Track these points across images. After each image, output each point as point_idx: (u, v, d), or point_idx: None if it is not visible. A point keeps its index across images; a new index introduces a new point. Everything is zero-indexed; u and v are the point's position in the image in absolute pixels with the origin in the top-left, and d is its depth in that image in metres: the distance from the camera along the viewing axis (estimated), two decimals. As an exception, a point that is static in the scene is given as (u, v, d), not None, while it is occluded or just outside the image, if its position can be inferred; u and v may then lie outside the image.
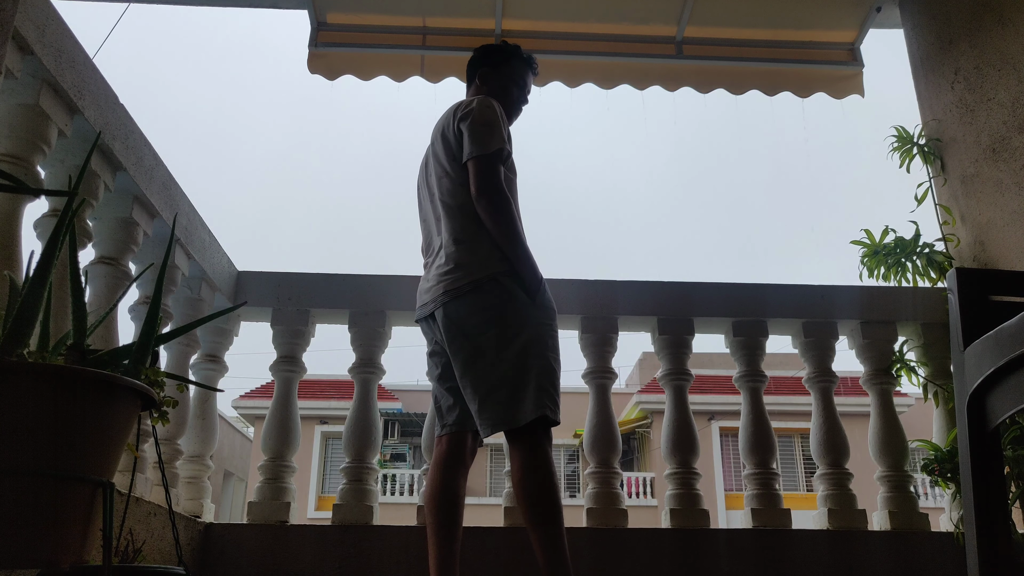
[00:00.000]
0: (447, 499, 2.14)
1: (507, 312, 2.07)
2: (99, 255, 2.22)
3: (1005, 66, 3.15)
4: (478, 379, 2.05)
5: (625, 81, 4.12)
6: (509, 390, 2.01)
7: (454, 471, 2.18)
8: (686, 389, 2.91)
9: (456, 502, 2.15)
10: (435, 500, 2.14)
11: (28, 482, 1.08)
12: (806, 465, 18.02)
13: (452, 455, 2.20)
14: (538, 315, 2.10)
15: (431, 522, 2.12)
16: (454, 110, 2.28)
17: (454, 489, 2.16)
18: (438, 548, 2.09)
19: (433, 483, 2.17)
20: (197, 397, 2.76)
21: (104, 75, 2.03)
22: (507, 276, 2.09)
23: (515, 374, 2.02)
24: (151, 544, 2.10)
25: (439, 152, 2.27)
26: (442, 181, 2.23)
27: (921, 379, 3.04)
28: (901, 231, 3.34)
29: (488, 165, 2.13)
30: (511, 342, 2.04)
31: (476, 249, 2.12)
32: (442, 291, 2.12)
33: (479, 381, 2.05)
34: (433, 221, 2.28)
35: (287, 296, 2.87)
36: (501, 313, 2.07)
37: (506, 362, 2.03)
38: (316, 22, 4.02)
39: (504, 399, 2.01)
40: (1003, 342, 1.29)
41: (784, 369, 15.58)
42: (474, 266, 2.10)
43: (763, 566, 2.65)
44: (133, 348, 1.33)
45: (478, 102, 2.24)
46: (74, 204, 1.28)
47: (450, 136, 2.23)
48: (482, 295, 2.08)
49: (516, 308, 2.07)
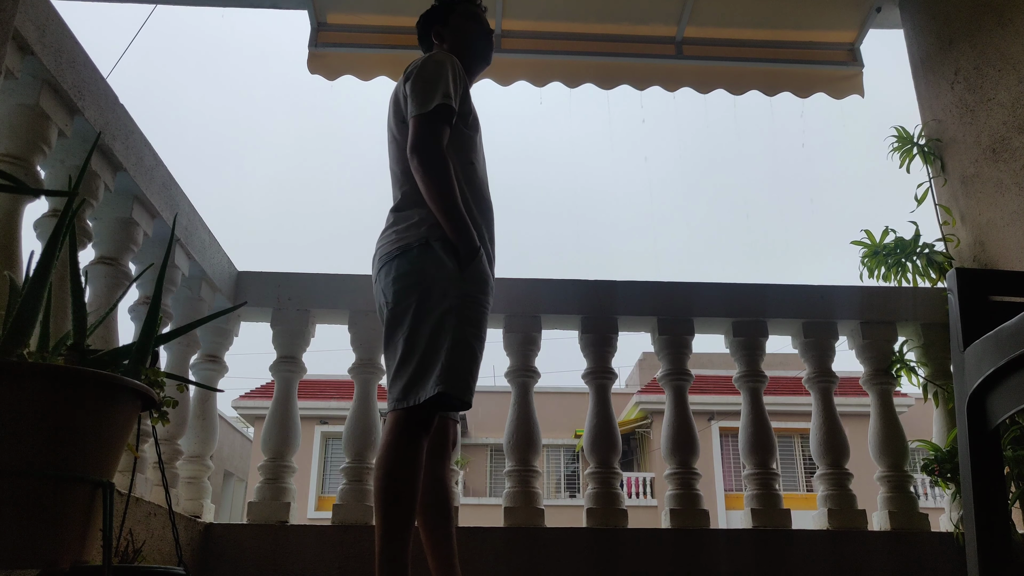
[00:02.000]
0: (435, 494, 2.05)
1: (430, 281, 1.91)
2: (99, 255, 2.22)
3: (1005, 66, 3.15)
4: (391, 351, 1.92)
5: (625, 81, 4.12)
6: (416, 366, 1.85)
7: (436, 463, 2.07)
8: (686, 389, 2.91)
9: (447, 496, 2.08)
10: (422, 498, 2.00)
11: (28, 482, 1.08)
12: (806, 465, 18.02)
13: (433, 446, 2.05)
14: (465, 287, 1.92)
15: (422, 523, 2.04)
16: (405, 71, 2.15)
17: (437, 481, 2.06)
18: (433, 548, 2.04)
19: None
20: (197, 397, 2.76)
21: (110, 79, 2.03)
22: (440, 243, 1.93)
23: (425, 347, 1.85)
24: (151, 544, 2.10)
25: (390, 118, 2.16)
26: (391, 147, 2.13)
27: (921, 379, 3.04)
28: (901, 231, 3.34)
29: (424, 123, 1.98)
30: (429, 313, 1.88)
31: (412, 215, 2.00)
32: (376, 258, 2.03)
33: (391, 353, 1.92)
34: (393, 182, 2.17)
35: (287, 296, 2.87)
36: (423, 281, 1.91)
37: (418, 334, 1.87)
38: (316, 22, 4.03)
39: (408, 374, 1.85)
40: (1003, 342, 1.29)
41: (784, 369, 15.60)
42: (407, 232, 1.97)
43: (763, 566, 2.65)
44: (133, 348, 1.33)
45: (424, 59, 2.11)
46: (74, 204, 1.28)
47: (400, 99, 2.11)
48: (407, 261, 1.94)
49: (442, 277, 1.91)
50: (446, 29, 2.32)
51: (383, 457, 1.85)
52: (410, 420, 1.85)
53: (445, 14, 2.34)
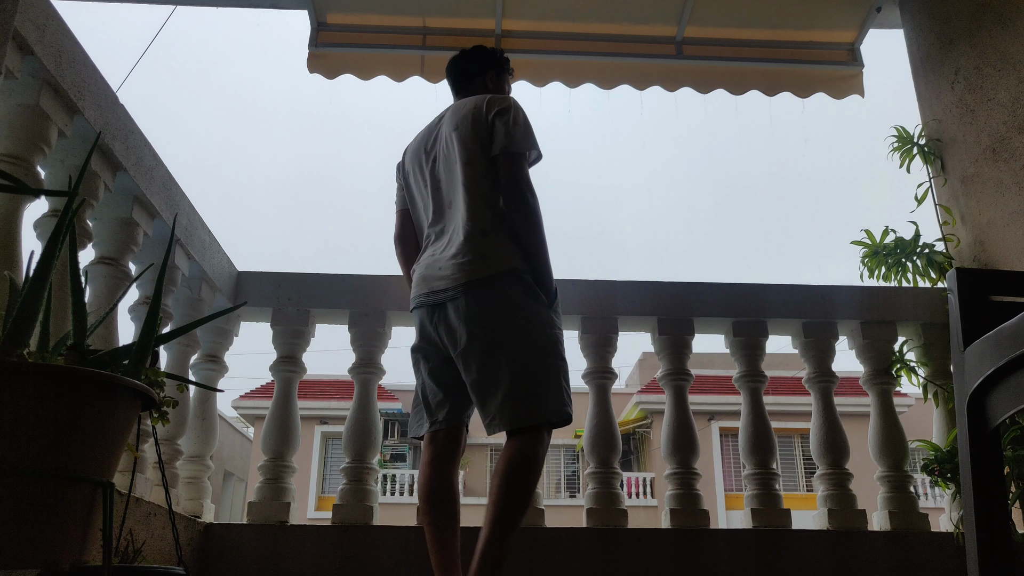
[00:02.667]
0: (445, 496, 2.11)
1: (529, 309, 2.06)
2: (99, 255, 2.22)
3: (1005, 66, 3.15)
4: (497, 373, 2.01)
5: (625, 81, 4.12)
6: (530, 386, 2.00)
7: (448, 467, 2.15)
8: (686, 389, 2.91)
9: (454, 498, 2.13)
10: (431, 499, 2.10)
11: (28, 482, 1.08)
12: (806, 465, 18.02)
13: (447, 451, 2.15)
14: (554, 318, 2.13)
15: (430, 521, 2.09)
16: (487, 101, 2.24)
17: (448, 485, 2.13)
18: (438, 549, 2.07)
19: (429, 481, 2.11)
20: (197, 397, 2.76)
21: (112, 82, 2.04)
22: (526, 274, 2.09)
23: (537, 370, 2.02)
24: (151, 544, 2.10)
25: (466, 139, 2.20)
26: (467, 169, 2.17)
27: (921, 379, 3.04)
28: (901, 231, 3.34)
29: (524, 164, 2.16)
30: (534, 339, 2.04)
31: (501, 242, 2.10)
32: (464, 280, 2.06)
33: (498, 375, 2.01)
34: (444, 208, 2.22)
35: (287, 296, 2.87)
36: (524, 309, 2.05)
37: (528, 357, 2.02)
38: (316, 22, 4.03)
39: (524, 395, 1.99)
40: (1003, 342, 1.29)
41: (784, 369, 15.58)
42: (498, 259, 2.07)
43: (763, 566, 2.65)
44: (133, 348, 1.33)
45: (515, 102, 2.25)
46: (74, 204, 1.28)
47: (481, 126, 2.20)
48: (504, 289, 2.05)
49: (537, 307, 2.08)
50: (498, 78, 2.50)
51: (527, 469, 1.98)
52: (547, 436, 2.04)
53: (503, 68, 2.53)
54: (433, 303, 2.13)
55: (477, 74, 2.47)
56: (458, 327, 2.06)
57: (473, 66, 2.48)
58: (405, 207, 2.42)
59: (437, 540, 2.07)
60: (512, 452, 1.97)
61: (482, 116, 2.21)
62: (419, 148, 2.36)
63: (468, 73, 2.48)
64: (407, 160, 2.41)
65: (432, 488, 2.11)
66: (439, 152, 2.28)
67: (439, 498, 2.10)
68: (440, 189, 2.25)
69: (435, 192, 2.25)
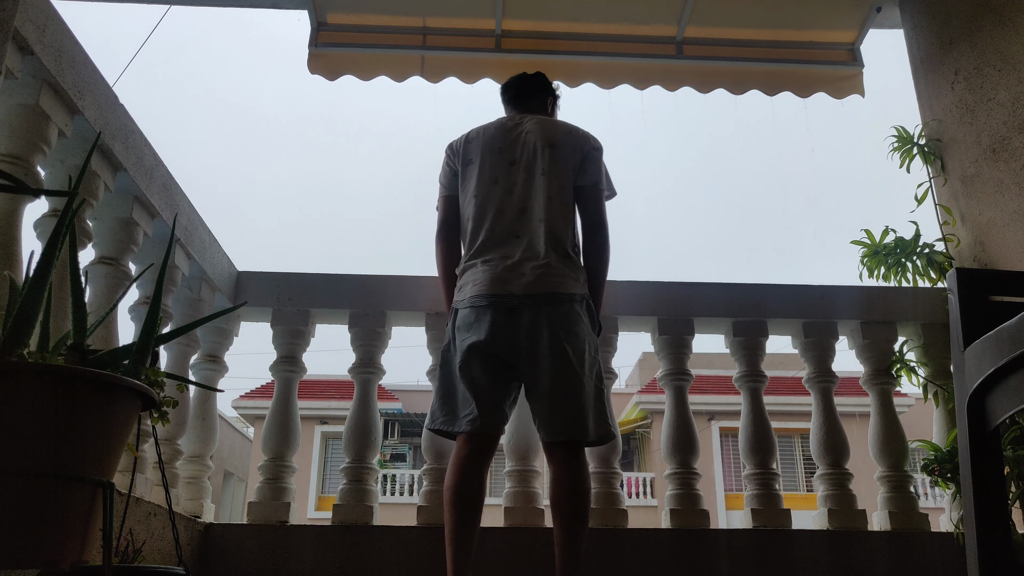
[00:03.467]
0: (475, 497, 2.11)
1: (591, 334, 2.22)
2: (99, 255, 2.22)
3: (1005, 66, 3.15)
4: (570, 386, 2.12)
5: (625, 81, 4.12)
6: (593, 403, 2.15)
7: (484, 469, 2.16)
8: (686, 389, 2.91)
9: (481, 499, 2.14)
10: (461, 498, 2.09)
11: (28, 482, 1.08)
12: (806, 465, 18.01)
13: (486, 454, 2.16)
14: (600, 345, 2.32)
15: (454, 519, 2.08)
16: (582, 134, 2.41)
17: (480, 487, 2.13)
18: (460, 545, 2.07)
19: (460, 480, 2.11)
20: (197, 397, 2.76)
21: (112, 81, 2.03)
22: (590, 301, 2.26)
23: (594, 391, 2.17)
24: (151, 544, 2.10)
25: (563, 160, 2.34)
26: (556, 187, 2.30)
27: (921, 379, 3.03)
28: (901, 231, 3.34)
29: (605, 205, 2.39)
30: (594, 361, 2.21)
31: (578, 268, 2.28)
32: (550, 292, 2.16)
33: (570, 388, 2.12)
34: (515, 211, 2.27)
35: (287, 296, 2.87)
36: (589, 333, 2.21)
37: (589, 377, 2.16)
38: (316, 22, 4.02)
39: (588, 411, 2.13)
40: (1003, 342, 1.29)
41: (784, 369, 15.56)
42: (576, 281, 2.23)
43: (763, 566, 2.65)
44: (133, 348, 1.33)
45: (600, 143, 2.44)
46: (74, 204, 1.28)
47: (577, 155, 2.36)
48: (579, 310, 2.20)
49: (594, 334, 2.25)
50: (555, 104, 2.69)
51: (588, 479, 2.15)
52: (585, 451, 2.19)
53: (556, 96, 2.71)
54: (511, 306, 2.16)
55: (539, 95, 2.62)
56: (535, 334, 2.13)
57: (538, 87, 2.63)
58: (454, 193, 2.41)
59: (460, 536, 2.07)
60: (572, 467, 2.11)
61: (579, 145, 2.38)
62: (493, 144, 2.38)
63: (533, 89, 2.62)
64: (471, 149, 2.40)
65: (466, 486, 2.11)
66: (520, 156, 2.35)
67: (471, 497, 2.11)
68: (514, 192, 2.29)
69: (507, 193, 2.30)
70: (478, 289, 2.20)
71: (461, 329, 2.21)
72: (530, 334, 2.13)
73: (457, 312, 2.25)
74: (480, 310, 2.18)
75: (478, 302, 2.19)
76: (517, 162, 2.34)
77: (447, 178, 2.45)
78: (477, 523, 2.11)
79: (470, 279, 2.24)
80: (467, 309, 2.21)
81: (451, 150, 2.46)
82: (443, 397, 2.23)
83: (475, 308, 2.19)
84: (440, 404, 2.23)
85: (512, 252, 2.22)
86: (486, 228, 2.28)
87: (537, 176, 2.30)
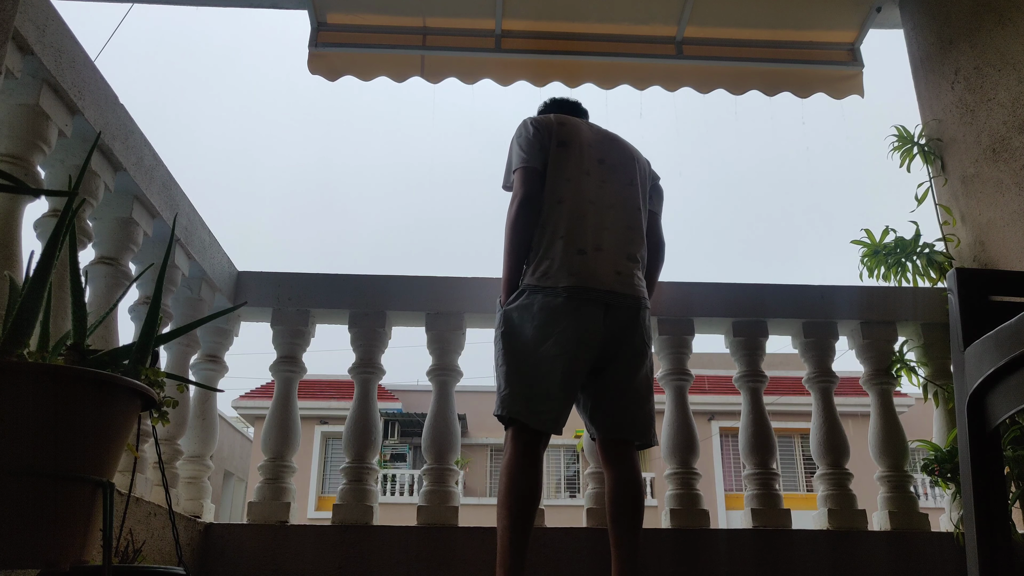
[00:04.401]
0: (536, 500, 2.04)
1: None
2: (99, 255, 2.22)
3: (1005, 66, 3.15)
4: (648, 390, 2.26)
5: (625, 81, 4.12)
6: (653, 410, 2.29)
7: (540, 471, 2.09)
8: (686, 389, 2.91)
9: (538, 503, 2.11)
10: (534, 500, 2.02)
11: (28, 482, 1.08)
12: (806, 465, 18.01)
13: (540, 455, 2.09)
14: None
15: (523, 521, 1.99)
16: (650, 164, 2.55)
17: (539, 490, 2.07)
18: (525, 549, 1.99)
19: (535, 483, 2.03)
20: (197, 397, 2.76)
21: (113, 81, 2.03)
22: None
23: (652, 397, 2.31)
24: (151, 544, 2.10)
25: (644, 180, 2.46)
26: (642, 202, 2.41)
27: (921, 379, 3.03)
28: (901, 231, 3.34)
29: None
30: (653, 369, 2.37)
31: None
32: (643, 296, 2.25)
33: (648, 393, 2.26)
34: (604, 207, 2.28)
35: (287, 296, 2.87)
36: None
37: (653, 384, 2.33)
38: (316, 22, 4.02)
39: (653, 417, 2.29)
40: (1003, 342, 1.29)
41: (784, 369, 15.58)
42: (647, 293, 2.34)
43: (763, 566, 2.64)
44: (133, 348, 1.33)
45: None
46: (74, 204, 1.28)
47: (649, 179, 2.51)
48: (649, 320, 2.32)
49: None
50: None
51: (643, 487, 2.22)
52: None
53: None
54: (611, 303, 2.16)
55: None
56: (629, 336, 2.19)
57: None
58: (541, 168, 2.28)
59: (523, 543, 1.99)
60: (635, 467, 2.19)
61: (650, 173, 2.52)
62: (584, 136, 2.37)
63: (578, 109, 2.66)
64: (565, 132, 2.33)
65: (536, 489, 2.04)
66: (607, 156, 2.38)
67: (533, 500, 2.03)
68: (606, 190, 2.31)
69: (600, 189, 2.30)
70: (577, 281, 2.11)
71: (549, 316, 2.08)
72: (624, 335, 2.18)
73: (538, 294, 2.12)
74: (579, 302, 2.09)
75: (578, 293, 2.10)
76: (605, 162, 2.36)
77: (534, 152, 2.28)
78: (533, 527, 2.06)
79: (563, 266, 2.12)
80: (561, 297, 2.09)
81: (540, 125, 2.34)
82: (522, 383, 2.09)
83: (573, 299, 2.09)
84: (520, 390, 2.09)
85: (610, 248, 2.22)
86: (582, 217, 2.21)
87: (627, 184, 2.36)
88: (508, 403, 2.09)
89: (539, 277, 2.13)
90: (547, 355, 2.06)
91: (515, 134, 2.37)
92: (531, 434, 2.07)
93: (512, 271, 2.21)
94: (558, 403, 2.06)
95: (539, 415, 2.06)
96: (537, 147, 2.29)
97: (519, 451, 2.05)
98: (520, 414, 2.06)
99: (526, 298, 2.14)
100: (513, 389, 2.10)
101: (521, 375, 2.10)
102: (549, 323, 2.07)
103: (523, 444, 2.06)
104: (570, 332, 2.06)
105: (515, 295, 2.18)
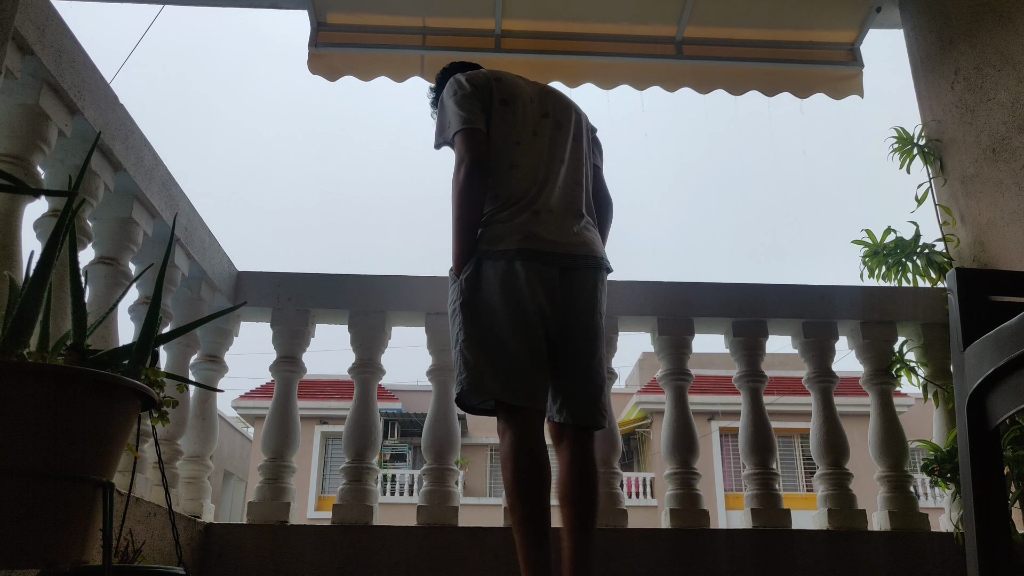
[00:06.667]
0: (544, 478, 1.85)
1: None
2: (99, 255, 2.22)
3: (1005, 66, 3.15)
4: (602, 367, 2.07)
5: (625, 81, 4.12)
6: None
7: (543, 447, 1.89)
8: (686, 389, 2.91)
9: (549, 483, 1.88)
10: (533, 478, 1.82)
11: (28, 482, 1.08)
12: (806, 465, 18.01)
13: (540, 432, 1.90)
14: None
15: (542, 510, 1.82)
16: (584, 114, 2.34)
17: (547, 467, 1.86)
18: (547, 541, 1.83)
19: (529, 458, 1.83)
20: (197, 397, 2.76)
21: (114, 82, 2.03)
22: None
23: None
24: (151, 544, 2.10)
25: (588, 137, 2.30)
26: (587, 161, 2.24)
27: (921, 379, 3.03)
28: (901, 231, 3.34)
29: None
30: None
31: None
32: (599, 256, 2.07)
33: (602, 370, 2.06)
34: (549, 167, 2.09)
35: (287, 296, 2.87)
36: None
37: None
38: (316, 22, 4.02)
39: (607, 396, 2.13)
40: (1003, 342, 1.29)
41: (784, 369, 15.57)
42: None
43: (763, 566, 2.64)
44: (133, 348, 1.33)
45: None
46: (74, 204, 1.28)
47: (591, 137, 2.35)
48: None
49: None
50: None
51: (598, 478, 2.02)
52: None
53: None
54: (568, 266, 1.97)
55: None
56: (587, 301, 2.00)
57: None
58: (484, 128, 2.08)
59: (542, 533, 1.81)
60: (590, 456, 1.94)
61: (588, 125, 2.33)
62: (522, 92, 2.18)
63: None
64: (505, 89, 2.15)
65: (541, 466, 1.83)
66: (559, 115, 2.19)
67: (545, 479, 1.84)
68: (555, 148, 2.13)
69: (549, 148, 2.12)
70: (532, 244, 1.94)
71: (506, 280, 1.92)
72: (582, 299, 1.99)
73: (492, 259, 1.95)
74: (537, 264, 1.93)
75: (534, 256, 1.93)
76: (549, 116, 2.17)
77: (475, 111, 2.07)
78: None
79: (518, 228, 1.96)
80: (517, 261, 1.92)
81: (477, 82, 2.14)
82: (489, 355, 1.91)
83: (529, 261, 1.92)
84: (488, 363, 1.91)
85: (563, 207, 2.04)
86: (534, 179, 2.06)
87: (572, 139, 2.18)
88: (477, 381, 1.91)
89: (491, 241, 1.97)
90: (509, 323, 1.91)
91: (447, 92, 2.16)
92: (523, 414, 1.88)
93: (465, 245, 2.01)
94: (531, 374, 1.91)
95: (515, 389, 1.89)
96: (479, 106, 2.09)
97: (516, 434, 1.86)
98: (496, 392, 1.89)
99: (480, 265, 1.98)
100: (479, 362, 1.91)
101: (486, 345, 1.92)
102: (506, 287, 1.92)
103: (517, 427, 1.87)
104: (528, 298, 1.91)
105: (468, 264, 2.00)
